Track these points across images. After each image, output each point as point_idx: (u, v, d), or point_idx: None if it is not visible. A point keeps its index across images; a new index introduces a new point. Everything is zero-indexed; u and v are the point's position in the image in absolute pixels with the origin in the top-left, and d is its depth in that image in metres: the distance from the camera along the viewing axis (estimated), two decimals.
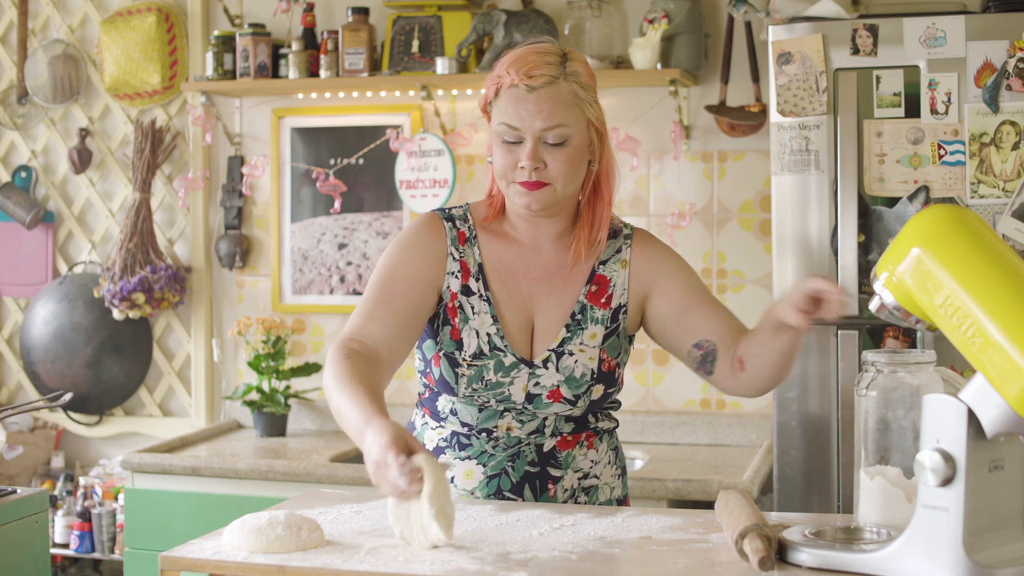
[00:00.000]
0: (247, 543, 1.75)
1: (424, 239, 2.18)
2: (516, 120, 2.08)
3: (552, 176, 2.09)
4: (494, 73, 2.13)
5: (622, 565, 1.68)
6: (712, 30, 3.80)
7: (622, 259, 2.19)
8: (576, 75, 2.10)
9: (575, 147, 2.10)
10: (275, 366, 3.98)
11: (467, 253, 2.18)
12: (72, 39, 4.36)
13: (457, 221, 2.21)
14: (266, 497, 3.37)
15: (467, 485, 2.16)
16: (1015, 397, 1.48)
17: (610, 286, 2.18)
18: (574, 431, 2.18)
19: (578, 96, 2.10)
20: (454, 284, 2.16)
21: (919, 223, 1.62)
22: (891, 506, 1.70)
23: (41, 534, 2.47)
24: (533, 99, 2.07)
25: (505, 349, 2.12)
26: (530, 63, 2.08)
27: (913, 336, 2.99)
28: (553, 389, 2.13)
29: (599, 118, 2.15)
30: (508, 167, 2.10)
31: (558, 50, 2.12)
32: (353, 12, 3.94)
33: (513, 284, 2.17)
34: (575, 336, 2.14)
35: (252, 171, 4.14)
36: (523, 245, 2.19)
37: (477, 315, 2.14)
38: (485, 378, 2.13)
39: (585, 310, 2.16)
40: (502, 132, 2.10)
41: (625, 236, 2.22)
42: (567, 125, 2.08)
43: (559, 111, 2.07)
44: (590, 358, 2.14)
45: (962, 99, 2.96)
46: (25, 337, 4.38)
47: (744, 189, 3.79)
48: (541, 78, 2.07)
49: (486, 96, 2.14)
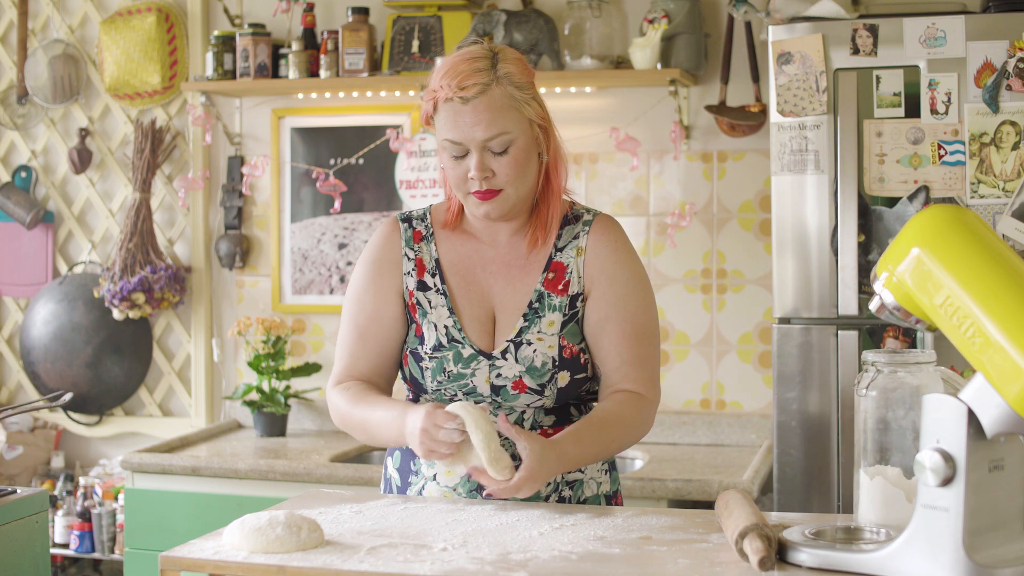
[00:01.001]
0: (247, 543, 1.75)
1: (380, 253, 2.24)
2: (457, 135, 2.08)
3: (502, 182, 2.10)
4: (429, 86, 2.13)
5: (622, 565, 1.68)
6: (712, 30, 3.80)
7: (578, 246, 2.19)
8: (509, 76, 2.09)
9: (520, 149, 2.10)
10: (275, 366, 3.99)
11: (423, 250, 2.22)
12: (72, 39, 4.36)
13: (415, 221, 2.25)
14: (266, 497, 3.37)
15: (449, 482, 2.16)
16: (1015, 397, 1.48)
17: (567, 272, 2.18)
18: (555, 424, 2.18)
19: (514, 98, 2.09)
20: (410, 283, 2.21)
21: (919, 223, 1.62)
22: (891, 506, 1.70)
23: (41, 534, 2.47)
24: (469, 110, 2.06)
25: (463, 341, 2.15)
26: (461, 73, 2.07)
27: (913, 336, 2.99)
28: (516, 380, 2.14)
29: (540, 114, 2.14)
30: (459, 179, 2.12)
31: (487, 53, 2.11)
32: (353, 12, 3.94)
33: (471, 278, 2.20)
34: (533, 325, 2.15)
35: (252, 171, 4.14)
36: (480, 240, 2.23)
37: (435, 308, 2.18)
38: (447, 369, 2.15)
39: (543, 298, 2.17)
40: (447, 147, 2.11)
41: (585, 222, 2.21)
42: (508, 131, 2.08)
43: (498, 119, 2.07)
44: (549, 346, 2.15)
45: (962, 99, 2.96)
46: (25, 337, 4.38)
47: (744, 189, 3.79)
48: (473, 87, 2.06)
49: (426, 111, 2.14)
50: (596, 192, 3.90)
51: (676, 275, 3.84)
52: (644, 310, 2.19)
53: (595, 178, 3.91)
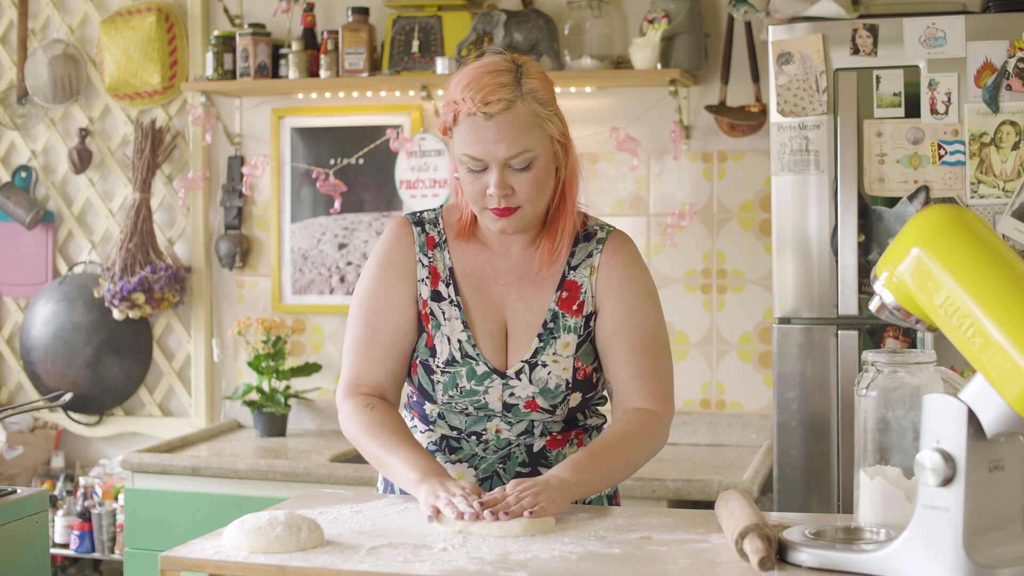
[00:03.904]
0: (247, 543, 1.75)
1: (394, 256, 2.18)
2: (478, 151, 2.02)
3: (521, 200, 2.06)
4: (450, 97, 2.06)
5: (622, 565, 1.68)
6: (712, 30, 3.80)
7: (592, 265, 2.16)
8: (534, 92, 2.04)
9: (541, 167, 2.06)
10: (275, 366, 3.99)
11: (437, 258, 2.17)
12: (72, 39, 4.36)
13: (427, 225, 2.20)
14: (266, 497, 3.37)
15: None
16: (1015, 397, 1.48)
17: (581, 292, 2.15)
18: (564, 430, 2.18)
19: (538, 115, 2.04)
20: (424, 291, 2.16)
21: (919, 223, 1.62)
22: (891, 506, 1.70)
23: (41, 534, 2.47)
24: (493, 127, 2.01)
25: (477, 357, 2.12)
26: (485, 87, 2.01)
27: (913, 336, 2.99)
28: (529, 400, 2.12)
29: (562, 131, 2.09)
30: (477, 194, 2.07)
31: (511, 66, 2.05)
32: (353, 12, 3.94)
33: (484, 289, 2.16)
34: (548, 346, 2.12)
35: (252, 171, 4.14)
36: (493, 250, 2.18)
37: (448, 321, 2.14)
38: (459, 385, 2.12)
39: (557, 318, 2.13)
40: (466, 162, 2.05)
41: (599, 240, 2.18)
42: (531, 149, 2.03)
43: (521, 136, 2.02)
44: (564, 368, 2.11)
45: (962, 99, 2.96)
46: (25, 337, 4.38)
47: (744, 189, 3.79)
48: (498, 104, 2.00)
49: (445, 121, 2.08)
50: (596, 192, 3.90)
51: (676, 275, 3.84)
52: (654, 324, 2.15)
53: (595, 178, 3.90)
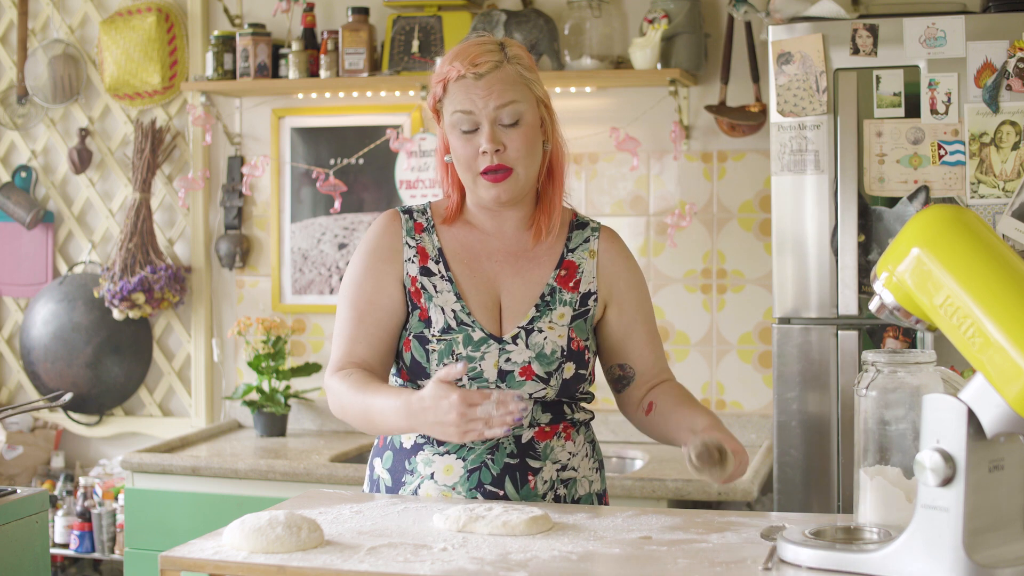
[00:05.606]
0: (247, 543, 1.75)
1: (381, 240, 2.25)
2: (469, 104, 2.14)
3: (512, 158, 2.15)
4: (438, 72, 2.20)
5: (622, 565, 1.68)
6: (712, 30, 3.80)
7: (590, 249, 2.27)
8: (518, 58, 2.18)
9: (529, 125, 2.16)
10: (275, 366, 3.99)
11: (424, 240, 2.25)
12: (72, 39, 4.36)
13: (415, 213, 2.28)
14: (266, 497, 3.37)
15: (447, 480, 2.16)
16: (1015, 397, 1.48)
17: (578, 272, 2.24)
18: (551, 421, 2.19)
19: (524, 76, 2.17)
20: (412, 269, 2.22)
21: (919, 223, 1.62)
22: (891, 506, 1.70)
23: (41, 534, 2.47)
24: (483, 84, 2.14)
25: (473, 324, 2.17)
26: (472, 53, 2.15)
27: (913, 336, 2.99)
28: (524, 366, 2.16)
29: (546, 96, 2.22)
30: (470, 157, 2.16)
31: (495, 40, 2.21)
32: (353, 12, 3.94)
33: (476, 266, 2.23)
34: (544, 315, 2.20)
35: (252, 171, 4.14)
36: (484, 232, 2.26)
37: (440, 293, 2.20)
38: (456, 352, 2.16)
39: (554, 292, 2.22)
40: (458, 121, 2.16)
41: (593, 228, 2.30)
42: (519, 101, 2.15)
43: (509, 90, 2.14)
44: (559, 335, 2.18)
45: (962, 99, 2.96)
46: (25, 337, 4.38)
47: (744, 189, 3.79)
48: (486, 64, 2.14)
49: (434, 95, 2.21)
50: (596, 192, 3.90)
51: (676, 275, 3.84)
52: (652, 311, 2.34)
53: (595, 178, 3.90)
